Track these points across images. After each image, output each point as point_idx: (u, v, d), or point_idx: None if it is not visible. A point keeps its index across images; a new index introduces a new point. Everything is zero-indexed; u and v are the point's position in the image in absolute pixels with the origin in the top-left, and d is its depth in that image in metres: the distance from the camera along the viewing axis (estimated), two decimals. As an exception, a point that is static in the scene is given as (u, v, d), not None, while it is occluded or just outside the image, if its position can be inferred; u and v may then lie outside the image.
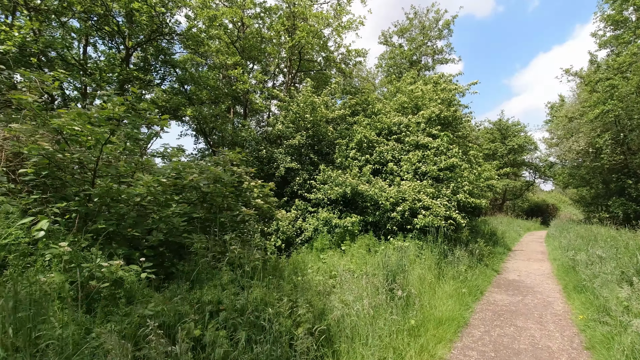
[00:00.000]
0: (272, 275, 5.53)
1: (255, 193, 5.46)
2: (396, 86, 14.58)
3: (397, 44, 24.37)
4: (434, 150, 11.06)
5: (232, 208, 5.09)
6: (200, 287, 4.02)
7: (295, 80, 15.60)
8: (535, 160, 37.20)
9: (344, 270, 6.91)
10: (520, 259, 13.95)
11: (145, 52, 11.33)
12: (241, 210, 4.95)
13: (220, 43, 15.83)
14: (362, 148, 11.89)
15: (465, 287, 8.09)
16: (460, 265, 8.97)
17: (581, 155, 22.91)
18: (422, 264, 8.39)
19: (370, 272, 6.71)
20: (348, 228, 9.67)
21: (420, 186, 10.24)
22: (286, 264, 7.13)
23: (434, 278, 8.01)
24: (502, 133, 35.94)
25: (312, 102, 11.60)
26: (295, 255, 8.01)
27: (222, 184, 5.06)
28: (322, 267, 6.90)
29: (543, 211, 38.57)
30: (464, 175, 10.82)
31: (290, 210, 11.17)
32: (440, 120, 11.90)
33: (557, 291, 8.95)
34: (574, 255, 10.36)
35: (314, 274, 6.34)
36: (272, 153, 12.25)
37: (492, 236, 17.12)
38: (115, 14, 9.44)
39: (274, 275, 5.58)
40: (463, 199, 10.19)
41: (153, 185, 4.44)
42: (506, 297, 8.21)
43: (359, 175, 11.04)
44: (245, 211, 4.87)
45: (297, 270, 6.42)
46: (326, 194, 10.63)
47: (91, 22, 9.47)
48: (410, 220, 9.95)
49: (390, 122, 12.52)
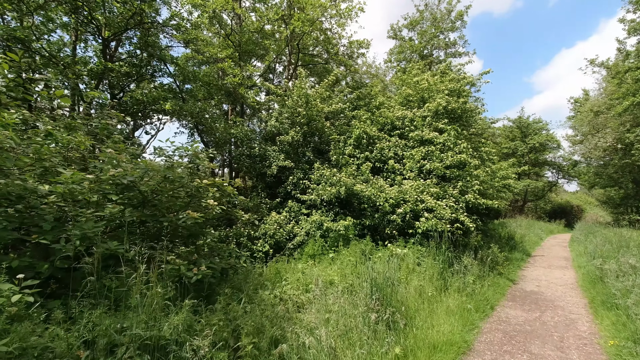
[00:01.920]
0: (232, 290, 4.64)
1: (210, 192, 4.61)
2: (401, 78, 13.52)
3: (407, 38, 23.21)
4: (440, 146, 9.97)
5: (179, 209, 4.26)
6: (116, 310, 3.18)
7: (295, 74, 14.73)
8: (558, 159, 35.16)
9: (324, 282, 5.96)
10: (540, 265, 12.64)
11: (132, 44, 10.69)
12: (187, 213, 4.11)
13: (218, 39, 15.17)
14: (361, 144, 10.90)
15: (472, 301, 7.01)
16: (467, 276, 7.87)
17: (609, 153, 21.22)
18: (422, 274, 7.35)
19: (357, 285, 5.75)
20: (341, 232, 8.70)
21: (423, 185, 9.17)
22: (262, 273, 6.25)
23: (436, 291, 6.96)
24: (523, 131, 34.16)
25: (306, 95, 10.68)
26: (274, 264, 7.12)
27: (171, 182, 4.25)
28: (302, 278, 5.98)
29: (567, 213, 36.45)
30: (474, 174, 9.68)
31: (283, 212, 10.28)
32: (447, 114, 10.79)
33: (581, 306, 7.74)
34: (601, 263, 9.08)
35: (287, 288, 5.43)
36: (265, 151, 11.40)
37: (510, 240, 15.78)
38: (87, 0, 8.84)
39: (233, 290, 4.69)
40: (472, 200, 9.07)
41: (75, 181, 3.66)
42: (521, 313, 7.08)
43: (357, 174, 10.06)
44: (191, 214, 4.03)
45: (268, 282, 5.52)
46: (319, 195, 9.71)
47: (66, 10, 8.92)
48: (413, 224, 8.91)
49: (394, 117, 11.49)
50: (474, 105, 10.95)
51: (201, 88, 13.25)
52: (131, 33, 11.79)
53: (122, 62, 11.53)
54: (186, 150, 4.97)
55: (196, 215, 4.07)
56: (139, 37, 10.51)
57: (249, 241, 9.46)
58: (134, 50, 11.25)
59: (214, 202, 4.38)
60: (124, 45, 11.59)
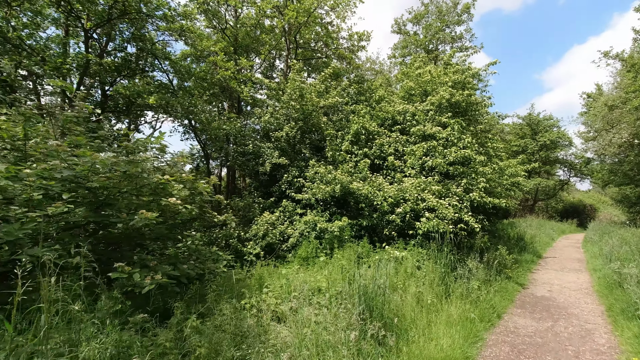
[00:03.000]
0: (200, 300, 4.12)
1: (175, 189, 4.09)
2: (403, 71, 12.88)
3: (411, 33, 22.51)
4: (442, 141, 9.33)
5: (136, 209, 3.74)
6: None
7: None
8: (569, 157, 34.09)
9: (311, 289, 5.41)
10: (552, 268, 11.91)
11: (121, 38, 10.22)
12: (140, 212, 3.60)
13: (216, 34, 14.70)
14: (359, 140, 10.30)
15: (477, 309, 6.38)
16: (472, 281, 7.24)
17: (624, 149, 20.29)
18: (421, 279, 6.74)
19: (347, 293, 5.18)
20: (335, 233, 8.12)
21: (424, 183, 8.55)
22: (243, 279, 5.72)
23: (436, 298, 6.36)
24: (533, 128, 33.11)
25: (300, 88, 10.11)
26: (260, 267, 6.59)
27: (126, 177, 3.73)
28: (286, 284, 5.43)
29: (579, 212, 35.32)
30: (480, 170, 9.02)
31: (276, 212, 9.73)
32: (451, 107, 10.13)
33: (598, 314, 7.06)
34: (619, 267, 8.36)
35: (268, 296, 4.88)
36: (259, 148, 10.86)
37: (519, 241, 15.04)
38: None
39: (202, 299, 4.16)
40: (477, 199, 8.42)
41: (8, 176, 3.16)
42: (531, 323, 6.44)
43: (354, 172, 9.47)
44: (145, 215, 3.51)
45: (245, 290, 4.98)
46: (314, 194, 9.14)
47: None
48: (413, 224, 8.30)
49: (394, 111, 10.87)
50: (479, 98, 10.27)
51: (197, 84, 12.77)
52: (122, 27, 11.38)
53: (112, 56, 11.13)
54: (149, 142, 4.44)
55: (150, 215, 3.56)
56: (127, 29, 10.05)
57: (239, 243, 8.95)
58: (122, 43, 10.79)
59: (176, 201, 3.86)
60: (115, 39, 11.17)
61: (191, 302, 4.38)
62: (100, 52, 11.76)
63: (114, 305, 3.14)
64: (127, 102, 10.18)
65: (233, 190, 13.62)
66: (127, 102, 10.18)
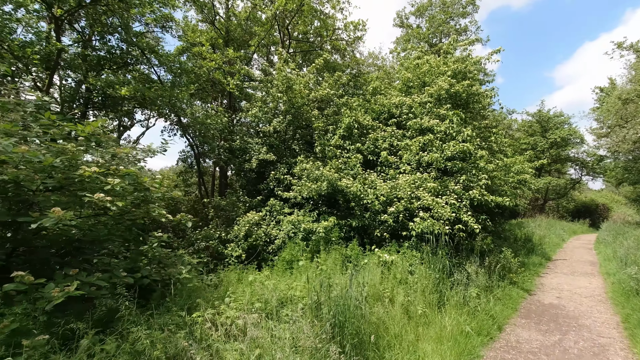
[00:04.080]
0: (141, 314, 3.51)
1: (109, 184, 3.47)
2: (401, 62, 12.16)
3: (414, 26, 21.72)
4: (440, 135, 8.60)
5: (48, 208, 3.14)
6: None
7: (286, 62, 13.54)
8: (581, 154, 32.86)
9: (283, 298, 4.76)
10: (562, 271, 11.09)
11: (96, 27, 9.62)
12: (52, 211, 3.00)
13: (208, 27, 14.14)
14: (352, 135, 9.61)
15: (474, 320, 5.68)
16: (470, 288, 6.52)
17: (639, 146, 19.23)
18: (412, 286, 6.05)
19: (314, 305, 4.52)
20: (321, 234, 7.44)
21: (419, 180, 7.83)
22: (202, 286, 5.10)
23: (428, 308, 5.66)
24: (543, 125, 32.00)
25: (287, 79, 9.45)
26: (228, 272, 5.95)
27: (41, 169, 3.13)
28: (253, 292, 4.79)
29: (592, 212, 34.11)
30: (481, 166, 8.27)
31: (262, 211, 9.10)
32: (451, 98, 9.39)
33: (613, 326, 6.30)
34: (637, 272, 7.57)
35: (229, 307, 4.24)
36: (247, 143, 10.23)
37: (527, 242, 14.22)
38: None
39: (144, 312, 3.55)
40: (478, 197, 7.68)
41: None
42: (536, 336, 5.71)
43: (344, 168, 8.79)
44: (55, 213, 2.91)
45: (201, 300, 4.35)
46: (299, 192, 8.49)
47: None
48: (407, 225, 7.60)
49: (390, 104, 10.17)
50: (481, 89, 9.51)
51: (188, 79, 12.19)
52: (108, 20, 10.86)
53: (98, 50, 10.60)
54: (70, 127, 3.80)
55: (65, 214, 2.95)
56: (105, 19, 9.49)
57: (220, 245, 8.34)
58: (104, 36, 10.22)
59: (103, 197, 3.25)
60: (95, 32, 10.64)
61: (133, 316, 3.77)
62: (83, 45, 11.26)
63: (10, 323, 2.55)
64: (101, 95, 9.63)
65: (225, 189, 13.04)
66: (101, 95, 9.63)
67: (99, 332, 2.98)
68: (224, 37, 13.11)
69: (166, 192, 4.45)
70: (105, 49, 10.78)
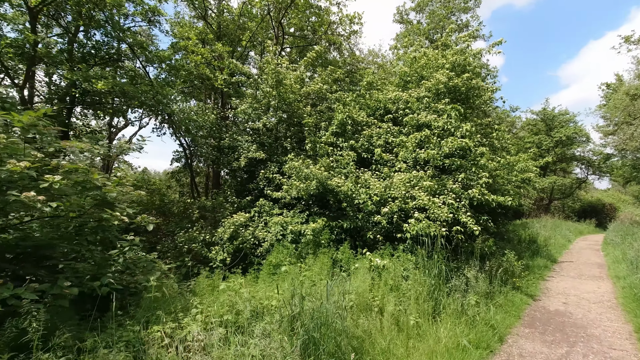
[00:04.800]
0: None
1: (47, 181, 3.01)
2: (398, 56, 11.67)
3: (415, 22, 21.21)
4: (438, 130, 8.10)
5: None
6: None
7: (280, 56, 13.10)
8: (587, 153, 32.14)
9: (258, 308, 4.30)
10: (568, 274, 10.55)
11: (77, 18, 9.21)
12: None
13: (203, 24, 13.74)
14: (345, 132, 9.13)
15: (473, 331, 5.18)
16: (469, 295, 6.03)
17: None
18: (405, 293, 5.57)
19: (286, 318, 4.05)
20: (309, 237, 6.96)
21: (415, 178, 7.34)
22: (163, 296, 4.65)
23: (422, 317, 5.18)
24: (547, 124, 31.32)
25: (276, 72, 8.98)
26: (203, 279, 5.50)
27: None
28: (227, 301, 4.33)
29: (598, 212, 33.36)
30: (481, 163, 7.76)
31: (251, 212, 8.64)
32: (449, 93, 8.89)
33: (625, 336, 5.78)
34: (650, 277, 7.03)
35: (188, 322, 3.78)
36: (235, 141, 9.78)
37: (531, 244, 13.66)
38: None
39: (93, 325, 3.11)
40: (478, 196, 7.17)
41: None
42: (541, 348, 5.20)
43: (336, 166, 8.30)
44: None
45: (161, 312, 3.90)
46: (287, 191, 8.02)
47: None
48: (402, 227, 7.11)
49: (386, 99, 9.68)
50: (482, 83, 8.99)
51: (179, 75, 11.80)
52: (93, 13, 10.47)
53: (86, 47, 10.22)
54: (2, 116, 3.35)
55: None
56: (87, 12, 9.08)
57: (204, 248, 7.90)
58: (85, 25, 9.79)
59: (34, 196, 2.81)
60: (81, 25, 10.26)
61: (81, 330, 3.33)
62: (69, 41, 10.88)
63: None
64: (80, 91, 9.20)
65: (218, 189, 12.61)
66: (80, 91, 9.20)
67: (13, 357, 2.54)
68: (215, 32, 12.69)
69: (128, 192, 4.00)
70: (90, 44, 10.38)
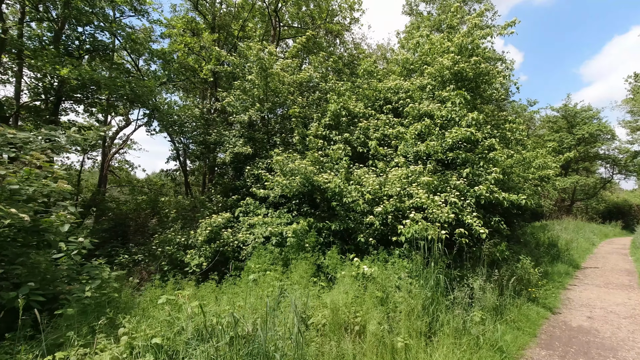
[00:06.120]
0: None
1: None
2: (402, 44, 10.76)
3: (425, 13, 20.20)
4: (441, 120, 7.17)
5: None
6: None
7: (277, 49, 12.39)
8: (612, 151, 30.30)
9: (198, 329, 3.52)
10: (593, 283, 9.42)
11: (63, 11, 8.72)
12: None
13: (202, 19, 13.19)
14: (339, 124, 8.29)
15: (475, 356, 4.27)
16: (473, 310, 5.10)
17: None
18: (396, 307, 4.70)
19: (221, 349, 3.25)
20: (290, 239, 6.15)
21: (412, 174, 6.44)
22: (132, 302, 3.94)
23: (415, 337, 4.29)
24: (569, 121, 29.66)
25: (260, 60, 8.19)
26: (153, 289, 4.76)
27: None
28: (163, 320, 3.57)
29: (625, 213, 31.46)
30: (490, 157, 6.80)
31: (236, 212, 7.90)
32: (455, 78, 7.94)
33: (666, 362, 4.76)
34: (694, 289, 5.94)
35: (107, 345, 3.04)
36: (222, 136, 9.07)
37: (551, 248, 12.49)
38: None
39: None
40: (485, 194, 6.22)
41: None
42: (560, 378, 4.25)
43: (326, 161, 7.47)
44: None
45: (71, 334, 3.17)
46: (271, 188, 7.23)
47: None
48: (397, 228, 6.23)
49: (385, 89, 8.80)
50: (490, 67, 8.01)
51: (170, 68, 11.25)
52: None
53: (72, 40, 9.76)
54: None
55: None
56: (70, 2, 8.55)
57: (179, 251, 7.19)
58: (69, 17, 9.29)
59: None
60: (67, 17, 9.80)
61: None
62: (55, 34, 10.44)
63: None
64: (52, 83, 8.65)
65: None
66: (52, 83, 8.65)
67: None
68: (210, 24, 12.06)
69: (48, 185, 3.30)
70: (75, 35, 9.88)
